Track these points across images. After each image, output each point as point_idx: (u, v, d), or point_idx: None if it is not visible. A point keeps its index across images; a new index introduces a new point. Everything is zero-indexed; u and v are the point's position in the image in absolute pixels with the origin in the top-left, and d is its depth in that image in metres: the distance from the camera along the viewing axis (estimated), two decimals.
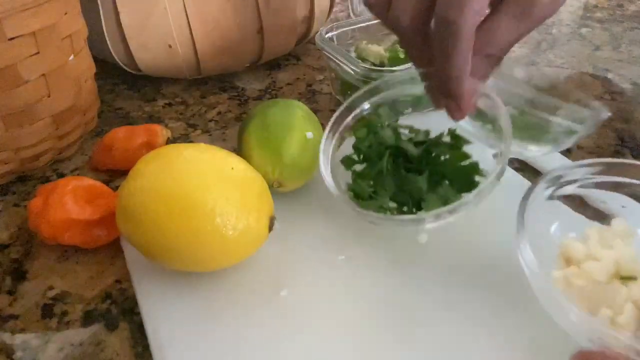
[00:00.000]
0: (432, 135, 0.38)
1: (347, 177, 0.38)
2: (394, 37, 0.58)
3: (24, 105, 0.41)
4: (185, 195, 0.31)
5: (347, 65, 0.49)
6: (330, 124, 0.39)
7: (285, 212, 0.39)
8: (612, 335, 0.25)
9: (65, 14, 0.42)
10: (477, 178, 0.34)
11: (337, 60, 0.50)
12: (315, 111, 0.56)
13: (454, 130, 0.36)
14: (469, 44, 0.30)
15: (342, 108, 0.40)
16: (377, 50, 0.54)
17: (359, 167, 0.38)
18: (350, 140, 0.39)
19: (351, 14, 0.74)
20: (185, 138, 0.52)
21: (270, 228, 0.34)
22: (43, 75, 0.41)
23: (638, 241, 0.32)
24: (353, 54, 0.55)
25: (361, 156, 0.38)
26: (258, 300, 0.34)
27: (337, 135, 0.39)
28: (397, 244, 0.37)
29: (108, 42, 0.54)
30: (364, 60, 0.54)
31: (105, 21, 0.52)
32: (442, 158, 0.35)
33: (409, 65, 0.46)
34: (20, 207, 0.43)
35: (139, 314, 0.34)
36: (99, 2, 0.52)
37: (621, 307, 0.28)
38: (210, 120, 0.55)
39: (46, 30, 0.40)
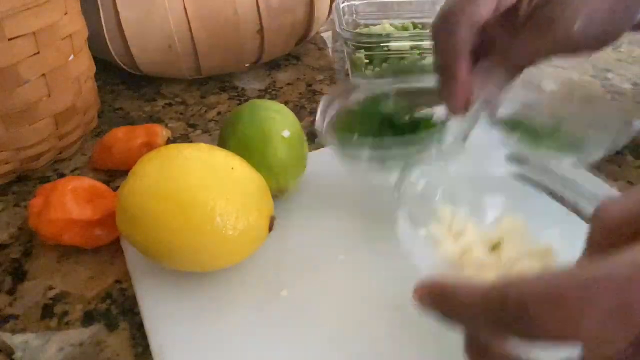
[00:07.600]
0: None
1: None
2: None
3: (24, 105, 0.41)
4: (185, 195, 0.31)
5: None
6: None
7: (285, 212, 0.39)
8: None
9: (65, 14, 0.42)
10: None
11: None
12: (316, 111, 0.56)
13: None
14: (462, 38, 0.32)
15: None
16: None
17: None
18: None
19: None
20: (185, 138, 0.52)
21: (270, 228, 0.34)
22: (43, 75, 0.41)
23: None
24: None
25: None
26: (258, 300, 0.34)
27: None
28: (397, 244, 0.37)
29: (108, 42, 0.54)
30: None
31: (105, 21, 0.52)
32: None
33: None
34: (20, 207, 0.43)
35: (139, 314, 0.34)
36: (99, 2, 0.52)
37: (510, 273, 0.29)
38: (210, 120, 0.55)
39: (46, 30, 0.40)
